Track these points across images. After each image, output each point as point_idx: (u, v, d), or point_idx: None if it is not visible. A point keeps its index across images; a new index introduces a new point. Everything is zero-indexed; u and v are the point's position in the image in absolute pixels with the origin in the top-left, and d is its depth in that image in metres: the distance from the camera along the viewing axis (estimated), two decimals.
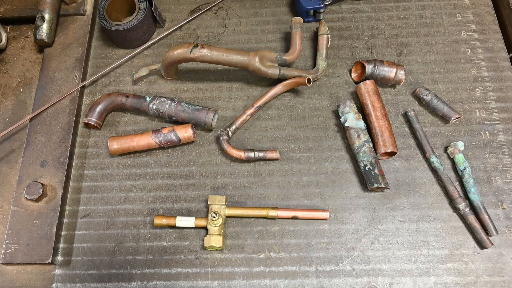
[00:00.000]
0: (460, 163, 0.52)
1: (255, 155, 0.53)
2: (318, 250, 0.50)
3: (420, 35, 0.61)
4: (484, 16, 0.62)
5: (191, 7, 0.66)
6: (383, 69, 0.56)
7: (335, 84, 0.59)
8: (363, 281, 0.48)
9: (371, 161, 0.50)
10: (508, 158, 0.53)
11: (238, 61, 0.54)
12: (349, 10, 0.64)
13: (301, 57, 0.61)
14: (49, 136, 0.56)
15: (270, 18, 0.64)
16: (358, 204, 0.52)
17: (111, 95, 0.57)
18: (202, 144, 0.56)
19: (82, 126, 0.58)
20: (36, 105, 0.58)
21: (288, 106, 0.58)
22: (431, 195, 0.52)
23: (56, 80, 0.60)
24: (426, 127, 0.55)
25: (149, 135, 0.54)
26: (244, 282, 0.49)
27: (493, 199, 0.51)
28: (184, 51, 0.53)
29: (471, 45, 0.60)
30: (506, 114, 0.56)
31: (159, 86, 0.60)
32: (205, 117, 0.54)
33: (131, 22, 0.59)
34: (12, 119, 0.60)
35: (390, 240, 0.50)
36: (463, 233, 0.50)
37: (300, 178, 0.54)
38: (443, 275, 0.48)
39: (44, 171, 0.54)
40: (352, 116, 0.53)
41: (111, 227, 0.52)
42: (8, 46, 0.66)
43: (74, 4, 0.64)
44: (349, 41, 0.62)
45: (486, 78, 0.58)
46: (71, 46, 0.62)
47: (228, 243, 0.51)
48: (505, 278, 0.47)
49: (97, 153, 0.57)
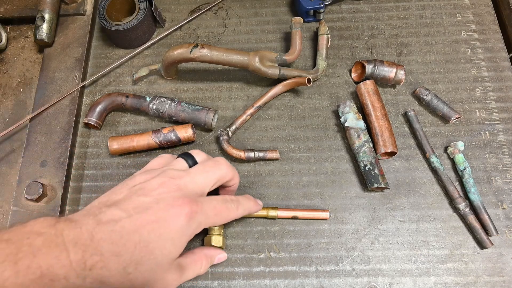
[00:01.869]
0: (460, 163, 0.52)
1: (255, 155, 0.53)
2: (318, 250, 0.50)
3: (420, 35, 0.61)
4: (484, 16, 0.62)
5: (191, 7, 0.66)
6: (383, 69, 0.56)
7: (335, 84, 0.59)
8: (363, 281, 0.48)
9: (371, 161, 0.50)
10: (508, 158, 0.53)
11: (238, 61, 0.54)
12: (349, 10, 0.64)
13: (301, 57, 0.61)
14: (49, 136, 0.56)
15: (270, 18, 0.64)
16: (358, 204, 0.52)
17: (111, 95, 0.57)
18: (202, 144, 0.56)
19: (82, 126, 0.58)
20: (36, 105, 0.58)
21: (288, 106, 0.58)
22: (431, 195, 0.52)
23: (56, 80, 0.60)
24: (426, 127, 0.55)
25: (149, 135, 0.54)
26: (244, 282, 0.49)
27: (493, 199, 0.51)
28: (184, 51, 0.53)
29: (471, 45, 0.60)
30: (506, 114, 0.56)
31: (159, 86, 0.60)
32: (205, 117, 0.54)
33: (131, 22, 0.59)
34: (12, 119, 0.60)
35: (390, 240, 0.50)
36: (463, 233, 0.50)
37: (300, 178, 0.54)
38: (443, 275, 0.48)
39: (44, 171, 0.54)
40: (352, 116, 0.53)
41: None
42: (8, 46, 0.66)
43: (74, 4, 0.64)
44: (349, 41, 0.62)
45: (486, 78, 0.58)
46: (71, 46, 0.62)
47: (228, 243, 0.51)
48: (505, 278, 0.47)
49: (97, 153, 0.57)
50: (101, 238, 0.33)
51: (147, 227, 0.35)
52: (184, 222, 0.36)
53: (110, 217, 0.34)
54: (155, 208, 0.36)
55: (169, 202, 0.36)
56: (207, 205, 0.39)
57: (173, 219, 0.36)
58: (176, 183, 0.38)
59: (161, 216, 0.36)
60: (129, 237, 0.34)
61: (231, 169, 0.44)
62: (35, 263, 0.30)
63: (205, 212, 0.38)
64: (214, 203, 0.40)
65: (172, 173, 0.39)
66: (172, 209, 0.36)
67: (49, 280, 0.30)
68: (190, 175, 0.40)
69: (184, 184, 0.39)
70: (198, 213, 0.37)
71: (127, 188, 0.38)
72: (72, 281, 0.31)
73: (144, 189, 0.37)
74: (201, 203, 0.38)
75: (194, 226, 0.37)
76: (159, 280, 0.37)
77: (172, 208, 0.36)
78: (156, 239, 0.35)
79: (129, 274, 0.34)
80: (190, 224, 0.37)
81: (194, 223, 0.37)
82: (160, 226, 0.35)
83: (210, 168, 0.41)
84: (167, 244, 0.36)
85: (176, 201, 0.37)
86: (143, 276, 0.35)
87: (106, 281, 0.33)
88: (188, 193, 0.38)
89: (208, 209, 0.39)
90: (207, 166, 0.42)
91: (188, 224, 0.36)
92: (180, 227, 0.36)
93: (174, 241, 0.36)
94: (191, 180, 0.39)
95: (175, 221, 0.36)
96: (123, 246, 0.33)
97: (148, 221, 0.35)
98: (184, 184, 0.39)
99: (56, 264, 0.31)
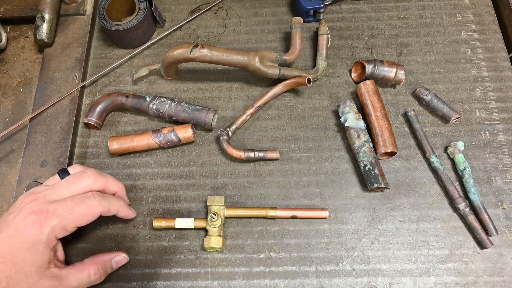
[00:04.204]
0: (460, 163, 0.52)
1: (255, 155, 0.53)
2: (318, 250, 0.50)
3: (420, 35, 0.61)
4: (484, 16, 0.62)
5: (191, 7, 0.66)
6: (383, 69, 0.56)
7: (335, 84, 0.59)
8: (363, 281, 0.48)
9: (371, 161, 0.50)
10: (508, 158, 0.53)
11: (238, 61, 0.54)
12: (349, 10, 0.64)
13: (301, 57, 0.61)
14: (49, 136, 0.56)
15: (270, 18, 0.64)
16: (358, 204, 0.52)
17: (111, 95, 0.57)
18: (202, 144, 0.56)
19: (82, 126, 0.58)
20: (36, 105, 0.58)
21: (288, 106, 0.58)
22: (431, 195, 0.52)
23: (56, 80, 0.60)
24: (426, 127, 0.55)
25: (149, 135, 0.54)
26: (244, 282, 0.49)
27: (493, 199, 0.51)
28: (184, 51, 0.53)
29: (471, 45, 0.60)
30: (506, 114, 0.56)
31: (159, 86, 0.60)
32: (205, 117, 0.54)
33: (131, 22, 0.59)
34: (12, 119, 0.60)
35: (390, 240, 0.50)
36: (463, 233, 0.50)
37: (300, 178, 0.54)
38: (443, 275, 0.48)
39: (44, 171, 0.54)
40: (352, 116, 0.53)
41: (111, 227, 0.52)
42: (8, 46, 0.66)
43: (74, 4, 0.64)
44: (349, 41, 0.62)
45: (486, 78, 0.58)
46: (71, 46, 0.62)
47: (228, 243, 0.51)
48: (505, 278, 0.47)
49: (97, 153, 0.57)
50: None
51: (7, 242, 0.38)
52: (34, 230, 0.39)
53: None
54: (12, 223, 0.39)
55: (22, 215, 0.40)
56: (61, 206, 0.41)
57: (25, 229, 0.39)
58: (36, 196, 0.41)
59: (18, 230, 0.39)
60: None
61: (101, 178, 0.45)
62: None
63: (58, 214, 0.40)
64: (69, 203, 0.41)
65: (38, 189, 0.43)
66: (23, 221, 0.39)
67: None
68: (53, 188, 0.43)
69: (43, 195, 0.41)
70: (48, 218, 0.40)
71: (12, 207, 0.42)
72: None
73: (13, 207, 0.42)
74: (52, 207, 0.40)
75: (47, 232, 0.39)
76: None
77: (24, 219, 0.39)
78: (15, 252, 0.38)
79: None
80: (42, 230, 0.39)
81: (46, 229, 0.39)
82: (17, 239, 0.39)
83: (75, 180, 0.43)
84: (25, 254, 0.39)
85: (27, 212, 0.40)
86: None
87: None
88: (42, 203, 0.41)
89: (62, 210, 0.40)
90: (72, 178, 0.44)
91: (40, 231, 0.39)
92: (32, 236, 0.39)
93: (31, 249, 0.39)
94: (53, 192, 0.42)
95: (27, 232, 0.39)
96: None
97: (7, 237, 0.39)
98: (43, 196, 0.41)
99: None
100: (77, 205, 0.41)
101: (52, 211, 0.40)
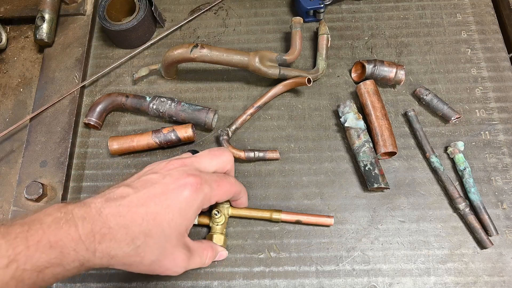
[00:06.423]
0: (460, 163, 0.52)
1: (255, 155, 0.53)
2: (318, 250, 0.50)
3: (420, 35, 0.61)
4: (484, 16, 0.62)
5: (191, 7, 0.66)
6: (383, 69, 0.56)
7: (335, 84, 0.59)
8: (363, 281, 0.48)
9: (371, 161, 0.50)
10: (508, 158, 0.53)
11: (238, 61, 0.54)
12: (349, 10, 0.64)
13: (301, 57, 0.61)
14: (49, 136, 0.56)
15: (270, 18, 0.64)
16: (358, 204, 0.52)
17: (111, 95, 0.57)
18: (202, 144, 0.56)
19: (82, 126, 0.58)
20: (36, 105, 0.58)
21: (288, 106, 0.58)
22: (431, 195, 0.52)
23: (56, 80, 0.60)
24: (426, 127, 0.55)
25: (149, 135, 0.54)
26: (244, 282, 0.49)
27: (493, 199, 0.51)
28: (184, 51, 0.53)
29: (471, 45, 0.60)
30: (506, 114, 0.56)
31: (159, 86, 0.60)
32: (205, 117, 0.54)
33: (131, 22, 0.59)
34: (12, 119, 0.60)
35: (390, 240, 0.50)
36: (463, 233, 0.50)
37: (300, 178, 0.54)
38: (443, 275, 0.48)
39: (44, 171, 0.54)
40: (352, 116, 0.53)
41: None
42: (8, 46, 0.66)
43: (74, 4, 0.64)
44: (349, 41, 0.62)
45: (486, 78, 0.58)
46: (71, 46, 0.62)
47: (228, 243, 0.51)
48: (505, 278, 0.47)
49: (97, 153, 0.57)
50: (109, 212, 0.34)
51: (154, 200, 0.36)
52: (190, 193, 0.37)
53: (118, 195, 0.36)
54: (162, 182, 0.37)
55: (176, 176, 0.38)
56: (210, 177, 0.41)
57: (180, 190, 0.37)
58: (182, 161, 0.41)
59: (168, 189, 0.37)
60: (136, 210, 0.35)
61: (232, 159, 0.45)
62: (45, 238, 0.31)
63: (209, 183, 0.40)
64: (215, 177, 0.42)
65: (178, 157, 0.43)
66: (178, 181, 0.38)
67: (59, 252, 0.31)
68: (195, 157, 0.42)
69: (189, 162, 0.41)
70: (203, 184, 0.39)
71: (138, 174, 0.41)
72: (82, 254, 0.32)
73: (153, 169, 0.40)
74: (204, 175, 0.40)
75: (201, 197, 0.39)
76: (168, 256, 0.38)
77: (178, 180, 0.38)
78: (163, 211, 0.36)
79: (138, 247, 0.35)
80: (197, 194, 0.38)
81: (200, 194, 0.38)
82: (167, 197, 0.37)
83: (218, 153, 0.44)
84: (174, 216, 0.37)
85: (182, 174, 0.38)
86: (151, 250, 0.36)
87: (115, 254, 0.34)
88: (193, 169, 0.40)
89: (211, 180, 0.40)
90: (215, 150, 0.44)
91: (195, 194, 0.38)
92: (187, 198, 0.37)
93: (182, 212, 0.37)
94: (196, 160, 0.42)
95: (182, 192, 0.37)
96: (130, 218, 0.35)
97: (155, 194, 0.36)
98: (189, 162, 0.41)
99: (65, 238, 0.32)
100: (222, 180, 0.42)
101: (204, 179, 0.39)
